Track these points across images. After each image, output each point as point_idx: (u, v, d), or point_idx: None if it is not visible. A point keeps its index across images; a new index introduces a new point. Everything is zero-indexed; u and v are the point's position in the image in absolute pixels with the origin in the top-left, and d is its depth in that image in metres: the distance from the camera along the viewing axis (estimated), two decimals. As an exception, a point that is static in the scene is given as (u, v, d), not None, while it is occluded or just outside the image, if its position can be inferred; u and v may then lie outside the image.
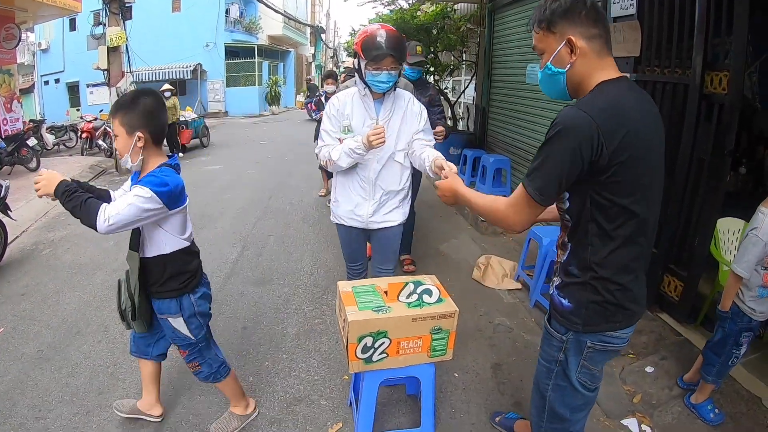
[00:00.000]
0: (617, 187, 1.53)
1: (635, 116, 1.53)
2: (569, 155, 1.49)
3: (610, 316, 1.67)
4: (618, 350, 1.78)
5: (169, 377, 3.14)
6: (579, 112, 1.49)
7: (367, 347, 2.13)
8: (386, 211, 2.94)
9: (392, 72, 2.62)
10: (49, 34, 25.59)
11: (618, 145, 1.47)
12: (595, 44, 1.57)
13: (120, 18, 9.73)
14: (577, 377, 1.77)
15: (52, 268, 5.03)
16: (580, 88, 1.62)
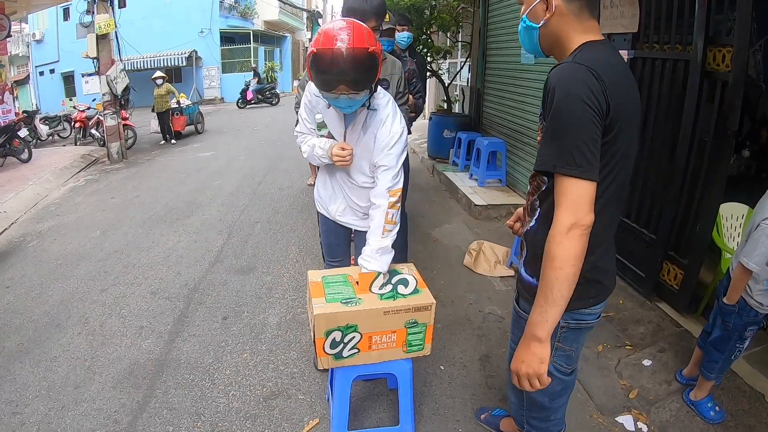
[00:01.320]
0: (606, 153, 1.39)
1: (625, 82, 1.44)
2: (587, 108, 1.32)
3: (582, 292, 1.50)
4: (592, 327, 1.66)
5: (143, 371, 3.04)
6: (576, 65, 1.36)
7: (336, 342, 1.98)
8: (356, 218, 2.57)
9: (352, 97, 1.99)
10: (43, 24, 25.45)
11: (616, 105, 1.35)
12: (574, 5, 1.44)
13: (109, 5, 9.54)
14: (552, 360, 1.61)
15: (38, 259, 4.93)
16: (556, 47, 1.51)
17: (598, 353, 3.10)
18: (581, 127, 1.32)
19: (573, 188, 1.35)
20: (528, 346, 1.48)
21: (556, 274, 1.38)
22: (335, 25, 1.92)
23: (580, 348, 1.72)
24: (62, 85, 26.08)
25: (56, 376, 3.05)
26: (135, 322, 3.60)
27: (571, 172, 1.33)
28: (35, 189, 7.68)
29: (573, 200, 1.35)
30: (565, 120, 1.34)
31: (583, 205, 1.34)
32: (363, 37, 1.90)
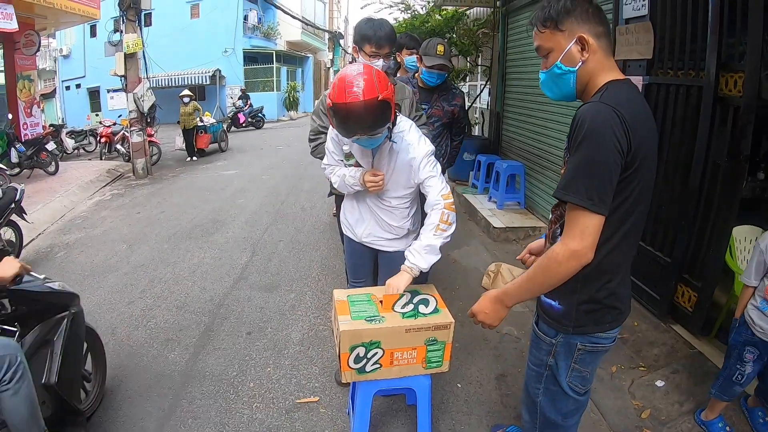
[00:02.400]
0: (627, 187, 1.50)
1: (646, 120, 1.53)
2: (610, 149, 1.42)
3: (600, 317, 1.65)
4: (607, 350, 1.75)
5: (169, 382, 3.16)
6: (604, 106, 1.44)
7: (360, 357, 2.09)
8: (384, 238, 2.68)
9: (372, 137, 2.16)
10: (70, 40, 26.23)
11: (637, 143, 1.44)
12: (603, 42, 1.55)
13: (137, 25, 9.86)
14: (568, 381, 1.74)
15: (66, 270, 5.10)
16: (588, 87, 1.59)
17: (611, 374, 3.15)
18: (602, 165, 1.43)
19: (583, 219, 1.46)
20: (496, 304, 1.74)
21: (544, 281, 1.58)
22: (347, 77, 2.06)
23: (595, 370, 1.81)
24: (87, 99, 26.75)
25: (85, 383, 3.16)
26: (161, 335, 3.72)
27: (584, 204, 1.44)
28: (62, 201, 7.92)
29: (581, 230, 1.47)
30: (588, 157, 1.44)
31: (588, 236, 1.46)
32: (373, 87, 2.04)
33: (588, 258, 1.48)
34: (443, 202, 2.31)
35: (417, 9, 10.44)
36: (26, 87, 11.23)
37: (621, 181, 1.47)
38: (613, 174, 1.44)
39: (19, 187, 5.22)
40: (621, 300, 1.67)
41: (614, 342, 1.74)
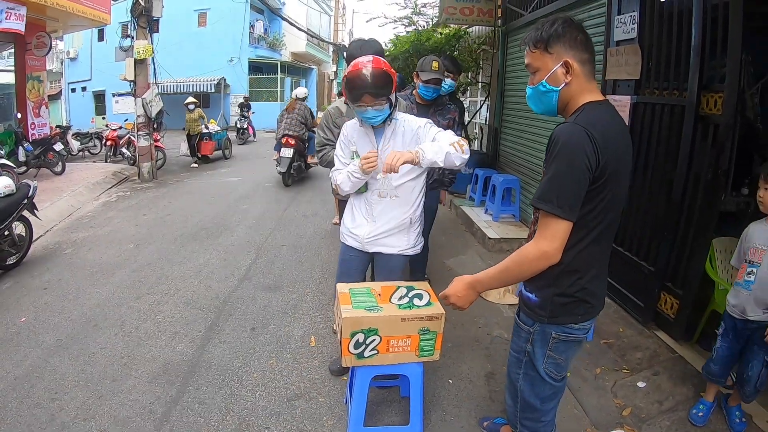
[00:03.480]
0: (596, 197, 1.69)
1: (617, 137, 1.71)
2: (579, 165, 1.61)
3: (572, 309, 1.84)
4: (580, 341, 1.94)
5: (176, 370, 3.34)
6: (576, 126, 1.63)
7: (359, 343, 2.29)
8: (385, 235, 2.88)
9: (377, 107, 2.55)
10: (78, 43, 26.37)
11: (606, 159, 1.63)
12: (586, 68, 1.74)
13: (148, 31, 10.09)
14: (544, 367, 1.93)
15: (74, 266, 5.29)
16: (568, 106, 1.78)
17: (596, 375, 3.34)
18: (571, 178, 1.64)
19: (553, 224, 1.68)
20: (468, 289, 1.95)
21: (515, 274, 1.82)
22: (362, 59, 2.59)
23: (570, 359, 1.99)
24: (93, 102, 26.87)
25: (94, 369, 3.35)
26: (169, 328, 3.91)
27: (555, 212, 1.65)
28: (69, 201, 8.11)
29: (551, 233, 1.69)
30: (560, 170, 1.65)
31: (557, 239, 1.68)
32: (380, 63, 2.56)
33: (556, 259, 1.70)
34: (459, 139, 2.55)
35: (421, 24, 10.70)
36: (35, 87, 11.41)
37: (590, 191, 1.66)
38: (581, 186, 1.64)
39: (32, 184, 5.43)
40: (592, 295, 1.85)
41: (586, 333, 1.92)
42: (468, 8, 8.36)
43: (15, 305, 4.33)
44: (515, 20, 7.53)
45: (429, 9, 11.10)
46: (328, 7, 33.32)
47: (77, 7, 10.57)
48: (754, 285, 2.62)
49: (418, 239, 2.97)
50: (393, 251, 2.90)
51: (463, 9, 8.36)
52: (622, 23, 4.12)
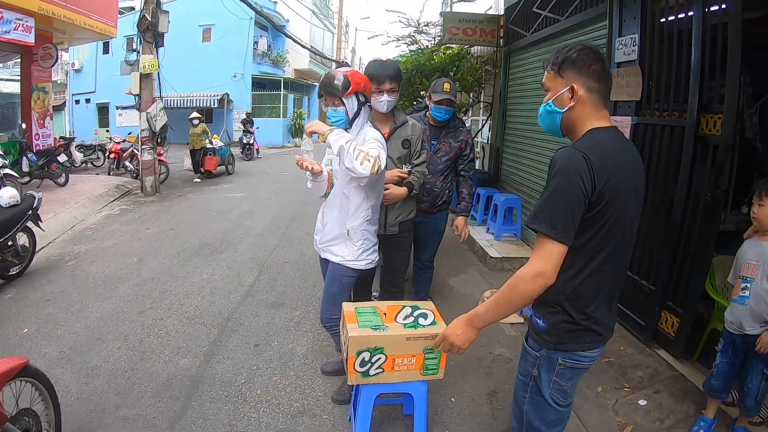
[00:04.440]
0: (596, 224, 1.70)
1: (620, 163, 1.72)
2: (574, 188, 1.64)
3: (578, 337, 1.83)
4: (586, 368, 1.94)
5: (180, 385, 3.35)
6: (574, 151, 1.67)
7: (365, 362, 2.32)
8: (330, 243, 3.06)
9: (332, 107, 2.84)
10: (83, 55, 26.52)
11: (605, 184, 1.65)
12: (593, 96, 1.77)
13: (154, 46, 10.20)
14: (550, 393, 1.92)
15: (77, 278, 5.32)
16: (573, 130, 1.82)
17: (597, 393, 3.35)
18: (565, 201, 1.66)
19: (548, 246, 1.69)
20: (466, 326, 1.91)
21: (510, 299, 1.77)
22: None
23: (576, 385, 1.99)
24: (96, 115, 26.97)
25: (97, 383, 3.36)
26: (172, 343, 3.92)
27: (548, 233, 1.67)
28: (72, 213, 8.17)
29: (545, 255, 1.69)
30: (555, 193, 1.68)
31: (551, 260, 1.68)
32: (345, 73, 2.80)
33: (551, 280, 1.70)
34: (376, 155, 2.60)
35: (423, 43, 10.80)
36: (41, 98, 11.52)
37: (589, 217, 1.69)
38: (575, 209, 1.66)
39: (37, 195, 5.49)
40: (599, 324, 1.84)
41: (593, 361, 1.92)
42: (471, 29, 8.47)
43: (17, 316, 4.35)
44: (517, 41, 7.64)
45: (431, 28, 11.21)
46: (331, 24, 33.64)
47: (84, 20, 10.72)
48: (749, 300, 2.68)
49: (363, 254, 3.01)
50: (336, 260, 3.04)
51: (465, 29, 8.48)
52: (623, 45, 4.20)
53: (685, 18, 3.59)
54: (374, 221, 3.06)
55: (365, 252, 3.02)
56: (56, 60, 11.63)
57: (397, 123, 3.39)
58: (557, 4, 6.00)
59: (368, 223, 3.00)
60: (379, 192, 3.05)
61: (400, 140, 3.39)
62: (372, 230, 3.06)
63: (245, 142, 18.48)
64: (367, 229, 3.01)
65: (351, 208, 2.94)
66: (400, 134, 3.39)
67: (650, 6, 3.96)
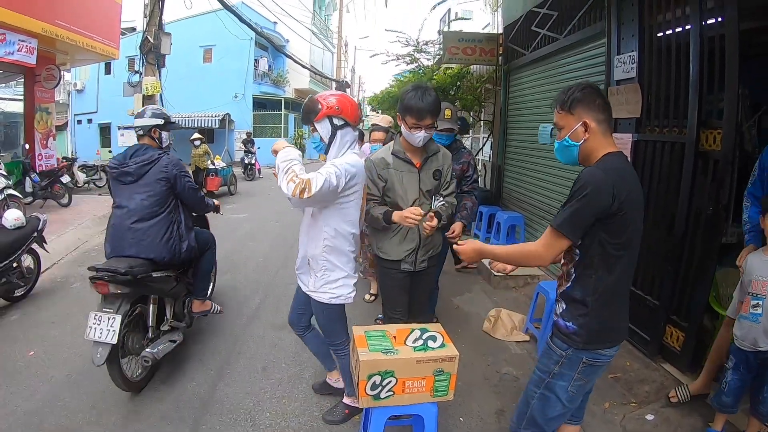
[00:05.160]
0: (618, 230, 1.98)
1: (631, 181, 2.02)
2: (595, 206, 1.92)
3: (605, 335, 2.10)
4: (605, 365, 2.17)
5: (189, 408, 3.35)
6: (600, 172, 1.94)
7: (376, 385, 2.35)
8: (298, 268, 3.10)
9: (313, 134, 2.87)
10: (85, 75, 26.67)
11: (623, 199, 1.92)
12: (602, 126, 2.05)
13: (156, 68, 10.30)
14: (570, 388, 2.14)
15: (83, 300, 5.28)
16: (589, 158, 2.08)
17: (604, 409, 3.37)
18: (582, 210, 1.94)
19: (555, 238, 2.01)
20: (477, 252, 2.29)
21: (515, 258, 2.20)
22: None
23: (593, 382, 2.24)
24: (98, 135, 27.01)
25: (105, 406, 3.37)
26: (180, 365, 3.92)
27: (558, 228, 1.98)
28: (76, 234, 8.17)
29: (551, 244, 2.02)
30: (576, 202, 1.94)
31: (552, 249, 2.03)
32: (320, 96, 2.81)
33: (545, 262, 2.08)
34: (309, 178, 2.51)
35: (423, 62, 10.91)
36: (43, 119, 11.59)
37: (618, 223, 1.96)
38: (588, 217, 1.95)
39: (42, 217, 5.50)
40: (620, 320, 2.16)
41: (611, 359, 2.16)
42: (470, 48, 8.58)
43: (23, 338, 4.35)
44: (516, 59, 7.74)
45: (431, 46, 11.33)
46: (330, 44, 33.94)
47: (87, 41, 10.81)
48: (761, 317, 2.69)
49: (325, 286, 2.90)
50: (304, 289, 3.06)
51: (465, 49, 8.59)
52: (622, 63, 4.26)
53: (682, 32, 3.66)
54: (343, 252, 2.88)
55: (328, 284, 2.89)
56: (59, 81, 11.73)
57: (428, 153, 3.16)
58: (556, 23, 6.09)
59: (331, 253, 2.85)
60: (349, 221, 2.85)
61: (431, 171, 3.17)
62: (340, 262, 2.88)
63: (247, 162, 18.47)
64: (329, 260, 2.86)
65: (312, 233, 2.89)
66: (431, 165, 3.18)
67: (648, 23, 4.04)
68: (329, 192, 2.57)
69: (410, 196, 3.11)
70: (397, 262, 3.18)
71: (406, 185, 3.11)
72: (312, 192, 2.46)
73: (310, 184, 2.47)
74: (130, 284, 3.30)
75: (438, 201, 3.23)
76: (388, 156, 3.13)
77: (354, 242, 2.92)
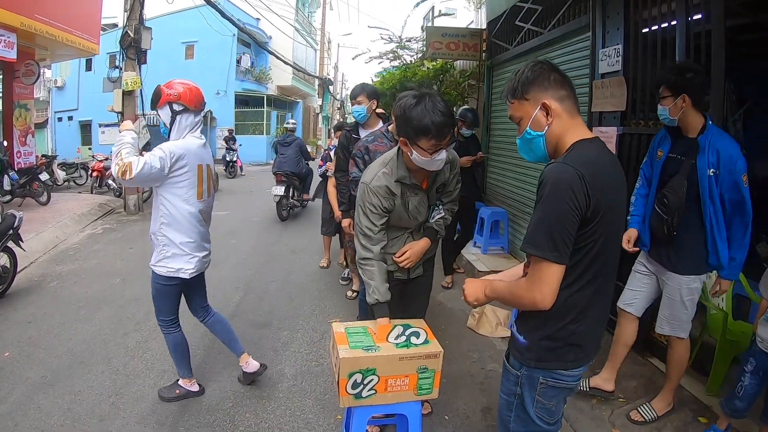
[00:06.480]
0: (588, 239, 1.63)
1: (609, 178, 1.67)
2: (569, 206, 1.56)
3: (561, 355, 1.76)
4: (572, 388, 1.86)
5: (166, 410, 3.24)
6: (566, 166, 1.59)
7: (357, 383, 2.25)
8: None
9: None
10: (65, 72, 26.26)
11: (597, 199, 1.58)
12: (566, 104, 1.71)
13: (136, 63, 10.12)
14: (534, 411, 1.83)
15: (59, 299, 5.19)
16: (558, 147, 1.74)
17: (592, 405, 3.33)
18: (560, 220, 1.58)
19: (545, 269, 1.61)
20: (479, 288, 1.95)
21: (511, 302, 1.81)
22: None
23: (562, 403, 1.91)
24: (79, 132, 26.58)
25: (81, 408, 3.26)
26: (158, 366, 3.82)
27: (545, 256, 1.59)
28: (54, 232, 8.00)
29: (544, 280, 1.62)
30: (549, 213, 1.60)
31: (550, 285, 1.62)
32: (165, 84, 3.07)
33: (546, 306, 1.64)
34: (130, 161, 2.77)
35: (406, 58, 10.86)
36: (22, 116, 11.36)
37: (582, 234, 1.62)
38: (570, 228, 1.59)
39: (18, 215, 5.36)
40: (584, 341, 1.77)
41: (578, 381, 1.85)
42: (454, 43, 8.53)
43: (-2, 339, 4.23)
44: (500, 54, 7.69)
45: (414, 43, 11.28)
46: (313, 41, 33.71)
47: (67, 36, 10.61)
48: None
49: (163, 260, 3.12)
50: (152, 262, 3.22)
51: (449, 44, 8.54)
52: (607, 56, 4.23)
53: (668, 27, 3.63)
54: (180, 230, 3.06)
55: (166, 259, 3.09)
56: (38, 77, 11.49)
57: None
58: (540, 17, 6.05)
59: (168, 230, 3.05)
60: (184, 199, 3.03)
61: (436, 186, 2.76)
62: (177, 239, 3.06)
63: (228, 160, 18.34)
64: (166, 236, 3.05)
65: (154, 212, 3.11)
66: (437, 180, 2.74)
67: (633, 16, 4.01)
68: (152, 174, 2.80)
69: (420, 219, 2.76)
70: (389, 273, 2.80)
71: (413, 211, 2.70)
72: (132, 174, 2.71)
73: (131, 166, 2.71)
74: (286, 177, 9.19)
75: (437, 213, 2.80)
76: (393, 184, 2.59)
77: (195, 221, 3.11)
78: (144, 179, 2.80)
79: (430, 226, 2.82)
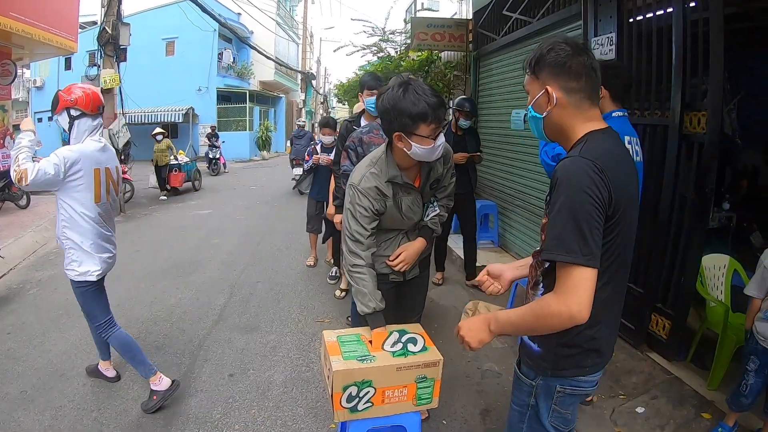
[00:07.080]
0: (607, 236, 1.49)
1: (625, 170, 1.55)
2: (591, 201, 1.42)
3: (580, 361, 1.64)
4: (588, 393, 1.78)
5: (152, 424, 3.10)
6: (581, 159, 1.46)
7: (352, 396, 2.11)
8: None
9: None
10: (45, 71, 25.88)
11: (617, 194, 1.46)
12: (574, 97, 1.57)
13: (115, 60, 9.87)
14: (550, 421, 1.73)
15: (39, 308, 5.00)
16: (561, 135, 1.63)
17: (593, 404, 3.23)
18: (586, 219, 1.42)
19: (576, 275, 1.43)
20: (481, 327, 1.71)
21: (534, 327, 1.57)
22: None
23: (576, 410, 1.82)
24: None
25: (62, 424, 3.10)
26: (140, 377, 3.65)
27: (581, 262, 1.41)
28: (34, 236, 7.77)
29: (576, 286, 1.43)
30: (570, 212, 1.43)
31: (586, 293, 1.43)
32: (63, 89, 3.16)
33: (585, 318, 1.44)
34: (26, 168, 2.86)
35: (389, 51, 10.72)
36: (0, 117, 11.07)
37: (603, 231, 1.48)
38: (598, 224, 1.44)
39: None
40: (602, 344, 1.65)
41: (595, 386, 1.74)
42: (439, 34, 8.39)
43: (-26, 351, 4.03)
44: (487, 45, 7.58)
45: (397, 36, 11.14)
46: (295, 35, 33.40)
47: (43, 34, 10.26)
48: None
49: (70, 264, 3.18)
50: None
51: (434, 35, 8.40)
52: (600, 45, 4.13)
53: (664, 15, 3.53)
54: (80, 232, 3.10)
55: (73, 262, 3.15)
56: (15, 76, 11.16)
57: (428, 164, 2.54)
58: (528, 6, 5.93)
59: (69, 231, 3.09)
60: (81, 203, 3.07)
61: (430, 182, 2.60)
62: (80, 241, 3.10)
63: (211, 157, 18.07)
64: (69, 239, 3.10)
65: (58, 216, 3.13)
66: (430, 176, 2.57)
67: (626, 4, 3.91)
68: (47, 180, 2.87)
69: (415, 218, 2.60)
70: (384, 275, 2.64)
71: (407, 211, 2.54)
72: (28, 181, 2.80)
73: (27, 173, 2.80)
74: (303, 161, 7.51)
75: (432, 211, 2.65)
76: (383, 185, 2.43)
77: (94, 223, 3.13)
78: (40, 185, 2.87)
79: (425, 225, 2.67)
